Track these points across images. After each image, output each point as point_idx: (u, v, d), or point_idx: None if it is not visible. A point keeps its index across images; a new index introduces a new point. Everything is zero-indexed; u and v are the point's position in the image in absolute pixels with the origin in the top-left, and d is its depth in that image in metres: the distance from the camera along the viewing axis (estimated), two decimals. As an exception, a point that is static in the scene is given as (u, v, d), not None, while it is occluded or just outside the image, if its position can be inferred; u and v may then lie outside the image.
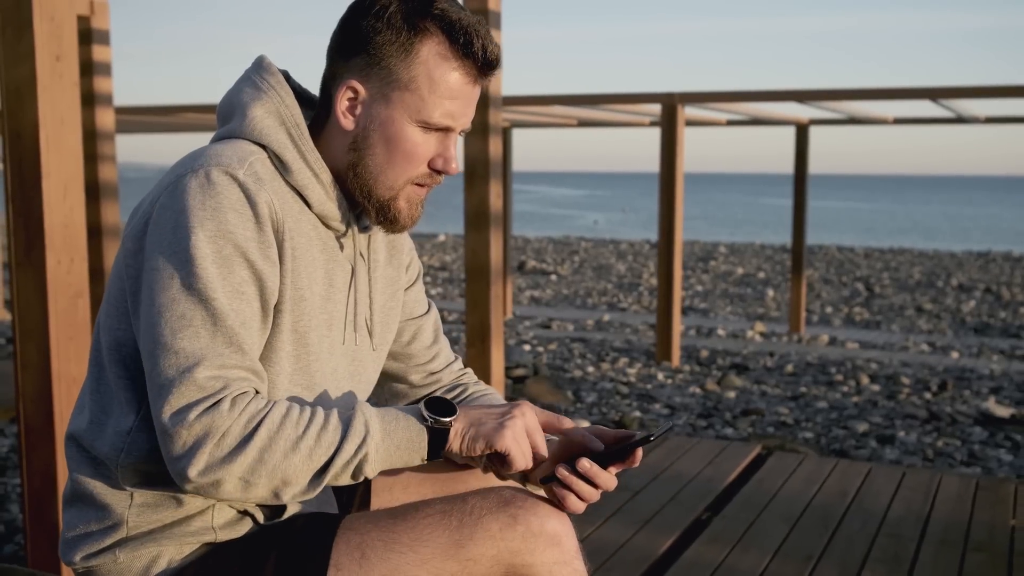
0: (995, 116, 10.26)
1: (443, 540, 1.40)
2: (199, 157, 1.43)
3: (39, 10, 2.73)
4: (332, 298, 1.54)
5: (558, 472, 1.51)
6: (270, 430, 1.34)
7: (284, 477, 1.34)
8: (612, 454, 1.52)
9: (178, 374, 1.33)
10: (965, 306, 14.60)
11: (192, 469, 1.31)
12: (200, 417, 1.31)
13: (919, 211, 64.68)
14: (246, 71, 1.55)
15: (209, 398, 1.32)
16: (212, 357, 1.34)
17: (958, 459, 5.30)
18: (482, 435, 1.44)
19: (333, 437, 1.37)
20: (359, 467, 1.38)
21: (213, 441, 1.31)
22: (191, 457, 1.31)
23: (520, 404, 1.49)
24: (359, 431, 1.38)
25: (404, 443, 1.41)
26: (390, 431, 1.40)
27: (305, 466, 1.35)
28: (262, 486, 1.34)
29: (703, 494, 3.99)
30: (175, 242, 1.36)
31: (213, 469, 1.32)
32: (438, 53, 1.47)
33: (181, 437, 1.31)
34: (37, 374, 2.86)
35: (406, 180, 1.51)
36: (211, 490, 1.34)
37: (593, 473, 1.50)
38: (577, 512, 1.52)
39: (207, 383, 1.33)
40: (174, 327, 1.34)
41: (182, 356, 1.33)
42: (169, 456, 1.33)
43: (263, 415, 1.34)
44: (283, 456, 1.33)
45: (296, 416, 1.36)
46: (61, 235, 2.83)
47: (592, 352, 8.95)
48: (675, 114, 8.28)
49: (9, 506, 4.28)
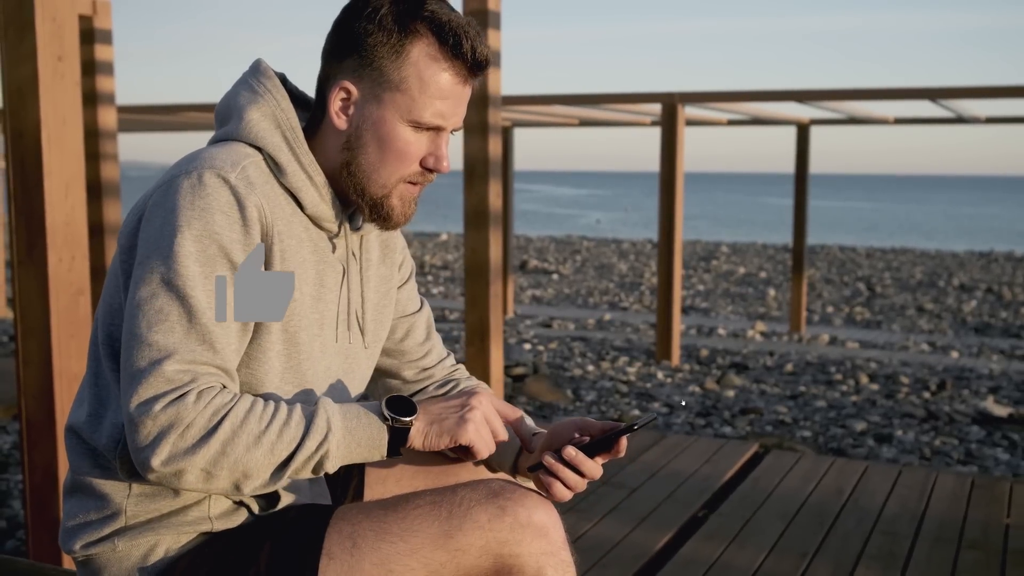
0: (995, 116, 10.28)
1: (433, 530, 1.43)
2: (195, 159, 1.46)
3: (41, 11, 2.76)
4: (323, 298, 1.57)
5: (544, 460, 1.55)
6: (234, 424, 1.36)
7: (245, 470, 1.37)
8: (598, 444, 1.56)
9: (148, 365, 1.36)
10: (966, 306, 14.61)
11: (155, 459, 1.34)
12: (166, 408, 1.34)
13: (921, 211, 64.65)
14: (243, 74, 1.58)
15: (176, 390, 1.35)
16: (183, 352, 1.37)
17: (955, 458, 5.32)
18: (445, 431, 1.48)
19: (295, 433, 1.40)
20: (320, 463, 1.42)
21: (177, 432, 1.34)
22: (155, 447, 1.34)
23: (476, 394, 1.52)
24: (321, 428, 1.41)
25: (365, 441, 1.44)
26: (351, 428, 1.44)
27: (267, 460, 1.38)
28: (223, 478, 1.37)
29: (700, 492, 4.01)
30: (161, 239, 1.40)
31: (176, 459, 1.34)
32: (428, 54, 1.50)
33: (146, 427, 1.34)
34: (39, 371, 2.88)
35: (399, 178, 1.55)
36: (173, 480, 1.36)
37: (579, 461, 1.54)
38: (563, 500, 1.55)
39: (175, 376, 1.35)
40: (150, 320, 1.37)
41: (154, 349, 1.36)
42: (134, 445, 1.36)
43: (228, 409, 1.37)
44: (245, 450, 1.36)
45: (260, 411, 1.39)
46: (63, 233, 2.86)
47: (592, 351, 8.98)
48: (675, 114, 8.30)
49: (11, 502, 4.31)
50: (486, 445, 1.49)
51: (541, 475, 1.56)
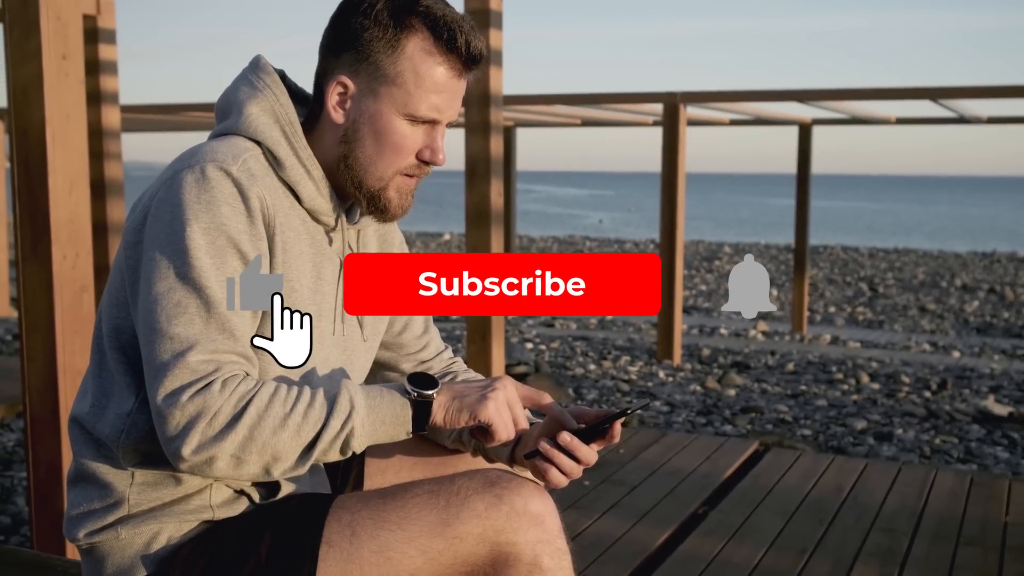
0: (997, 116, 10.28)
1: (430, 518, 1.46)
2: (196, 153, 1.49)
3: (45, 10, 2.78)
4: (320, 290, 1.60)
5: (540, 446, 1.58)
6: (259, 408, 1.39)
7: (274, 453, 1.40)
8: (592, 430, 1.59)
9: (172, 358, 1.39)
10: (968, 306, 14.62)
11: (186, 448, 1.37)
12: (193, 398, 1.37)
13: (923, 211, 64.61)
14: (243, 70, 1.61)
15: (201, 380, 1.38)
16: (205, 342, 1.40)
17: (955, 456, 5.34)
18: (466, 407, 1.50)
19: (320, 413, 1.43)
20: (346, 442, 1.44)
21: (205, 420, 1.37)
22: (184, 436, 1.37)
23: (501, 378, 1.55)
24: (344, 407, 1.44)
25: (389, 417, 1.47)
26: (375, 406, 1.46)
27: (293, 442, 1.41)
28: (253, 463, 1.40)
29: (700, 489, 4.03)
30: (171, 234, 1.42)
31: (206, 447, 1.37)
32: (423, 49, 1.53)
33: (175, 417, 1.37)
34: (43, 366, 2.91)
35: (395, 171, 1.58)
36: (205, 468, 1.39)
37: (574, 446, 1.56)
38: (559, 486, 1.58)
39: (200, 366, 1.39)
40: (170, 314, 1.40)
41: (177, 341, 1.39)
42: (164, 436, 1.39)
43: (252, 395, 1.40)
44: (272, 433, 1.39)
45: (284, 395, 1.42)
46: (67, 230, 2.89)
47: (594, 350, 9.00)
48: (677, 114, 8.31)
49: (15, 498, 4.34)
50: (505, 426, 1.51)
51: (537, 461, 1.58)
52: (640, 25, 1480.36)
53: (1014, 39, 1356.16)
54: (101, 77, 5.78)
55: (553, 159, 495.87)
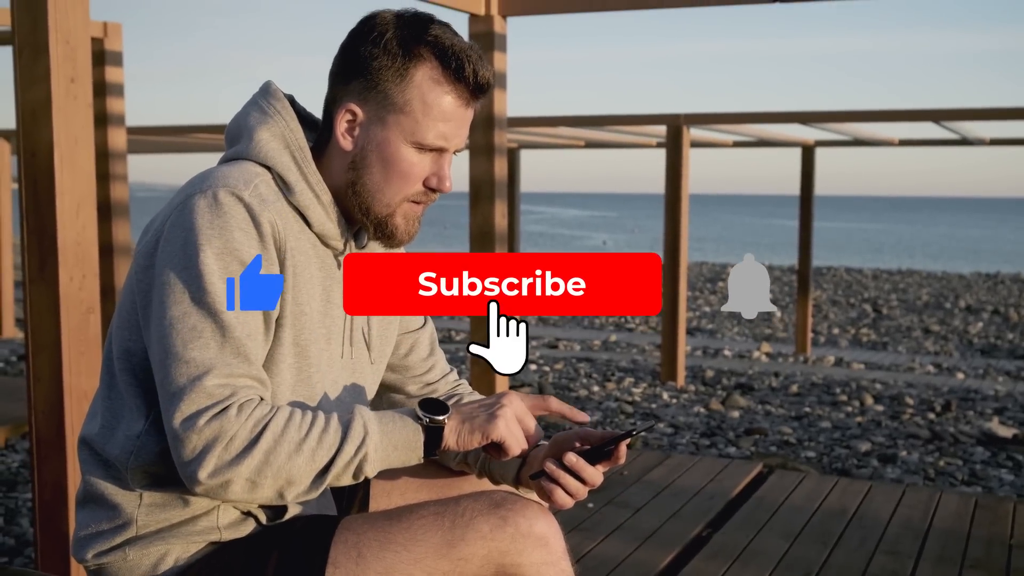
0: (1000, 138, 10.31)
1: (436, 540, 1.47)
2: (207, 178, 1.51)
3: (55, 33, 2.81)
4: (330, 313, 1.61)
5: (546, 467, 1.59)
6: (275, 433, 1.41)
7: (288, 477, 1.41)
8: (598, 450, 1.60)
9: (189, 382, 1.40)
10: (973, 327, 14.60)
11: (202, 472, 1.39)
12: (210, 422, 1.38)
13: (927, 232, 64.62)
14: (254, 96, 1.63)
15: (218, 404, 1.40)
16: (221, 366, 1.41)
17: (959, 478, 5.33)
18: (477, 428, 1.52)
19: (334, 439, 1.44)
20: (359, 467, 1.46)
21: (222, 445, 1.38)
22: (201, 460, 1.39)
23: (506, 394, 1.56)
24: (358, 432, 1.45)
25: (401, 443, 1.49)
26: (387, 431, 1.48)
27: (308, 467, 1.42)
28: (268, 487, 1.41)
29: (704, 511, 4.03)
30: (185, 259, 1.44)
31: (222, 471, 1.39)
32: (431, 78, 1.54)
33: (191, 441, 1.39)
34: (49, 387, 2.92)
35: (402, 198, 1.59)
36: (220, 491, 1.41)
37: (579, 467, 1.57)
38: (564, 507, 1.59)
39: (216, 390, 1.40)
40: (185, 338, 1.42)
41: (192, 365, 1.41)
42: (180, 460, 1.41)
43: (268, 419, 1.42)
44: (287, 458, 1.41)
45: (299, 420, 1.44)
46: (74, 252, 2.90)
47: (598, 372, 9.00)
48: (680, 135, 8.33)
49: (19, 520, 4.34)
50: (517, 441, 1.53)
51: (543, 482, 1.59)
52: (643, 47, 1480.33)
53: (1017, 60, 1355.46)
54: (107, 99, 5.81)
55: (556, 180, 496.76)
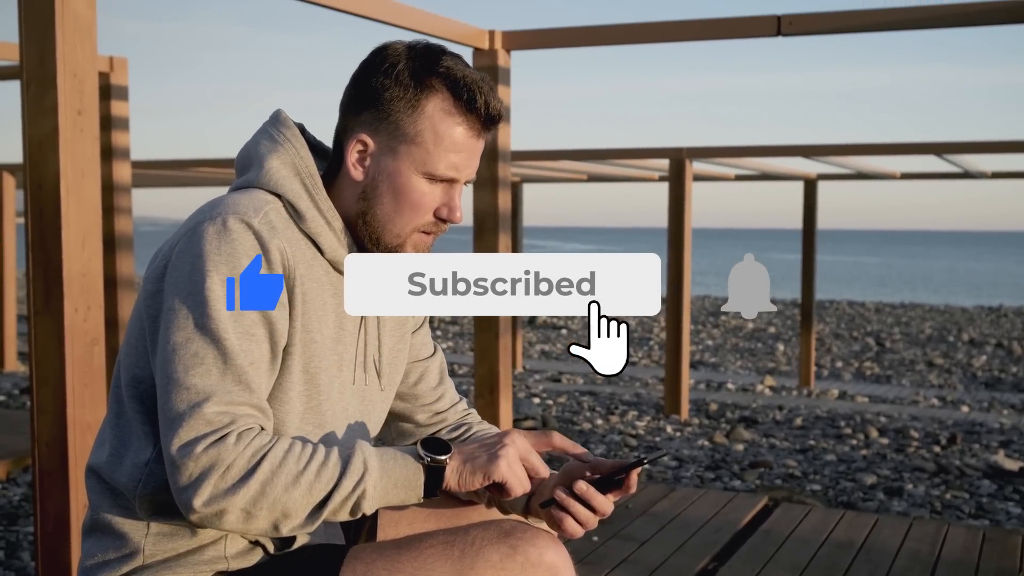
0: (1001, 171, 10.34)
1: (446, 569, 1.46)
2: (217, 205, 1.51)
3: (63, 66, 2.83)
4: (342, 340, 1.60)
5: (556, 495, 1.57)
6: (273, 464, 1.39)
7: (284, 510, 1.40)
8: (608, 479, 1.58)
9: (188, 408, 1.39)
10: (976, 361, 14.57)
11: (197, 499, 1.37)
12: (207, 450, 1.37)
13: (928, 266, 64.62)
14: (264, 124, 1.63)
15: (216, 432, 1.39)
16: (221, 394, 1.40)
17: (966, 512, 5.30)
18: (478, 468, 1.50)
19: (333, 473, 1.43)
20: (357, 503, 1.44)
21: (218, 473, 1.37)
22: (197, 487, 1.37)
23: (509, 433, 1.55)
24: (358, 468, 1.44)
25: (401, 481, 1.47)
26: (388, 469, 1.46)
27: (305, 500, 1.41)
28: (263, 518, 1.40)
29: (709, 544, 4.00)
30: (191, 285, 1.44)
31: (217, 500, 1.38)
32: (443, 109, 1.55)
33: (188, 468, 1.38)
34: (53, 419, 2.91)
35: (413, 228, 1.59)
36: (215, 520, 1.39)
37: (590, 495, 1.56)
38: (574, 536, 1.57)
39: (215, 418, 1.39)
40: (187, 364, 1.41)
41: (193, 392, 1.40)
42: (176, 486, 1.40)
43: (267, 450, 1.40)
44: (284, 489, 1.39)
45: (298, 452, 1.43)
46: (79, 284, 2.91)
47: (601, 405, 8.97)
48: (683, 169, 8.35)
49: (20, 553, 4.32)
50: (519, 482, 1.51)
51: (553, 510, 1.58)
52: (645, 82, 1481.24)
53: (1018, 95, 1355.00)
54: (113, 133, 5.83)
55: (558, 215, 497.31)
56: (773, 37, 4.39)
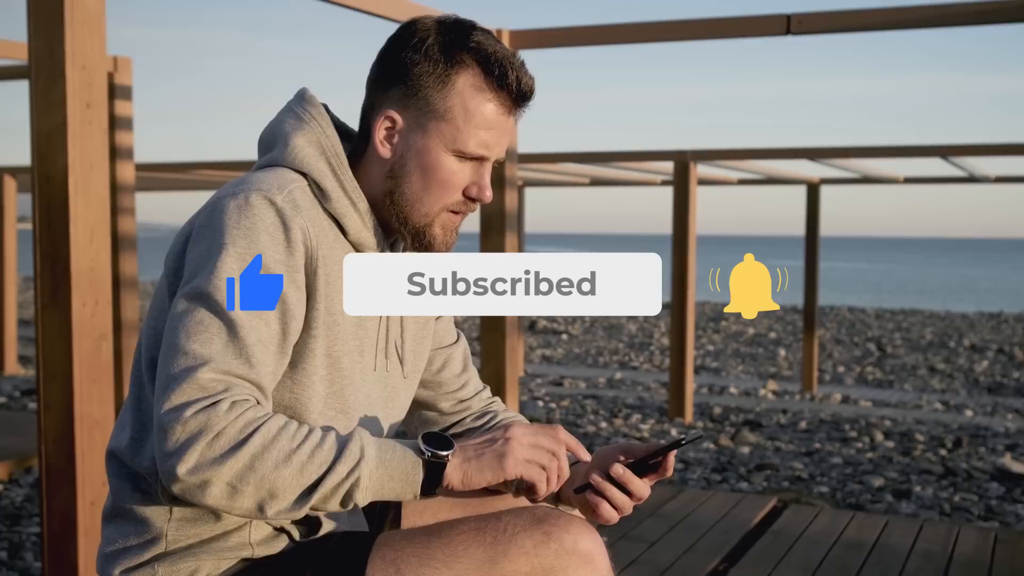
0: (1005, 176, 10.31)
1: (477, 556, 1.42)
2: (241, 183, 1.48)
3: (71, 59, 2.80)
4: (363, 324, 1.57)
5: (592, 479, 1.54)
6: (265, 438, 1.33)
7: (271, 489, 1.33)
8: (644, 463, 1.55)
9: (183, 372, 1.34)
10: (978, 366, 14.54)
11: (182, 466, 1.31)
12: (197, 415, 1.31)
13: (928, 272, 64.59)
14: (288, 103, 1.60)
15: (209, 398, 1.33)
16: (219, 362, 1.35)
17: (975, 514, 5.27)
18: (487, 466, 1.44)
19: (327, 456, 1.36)
20: (349, 492, 1.37)
21: (206, 440, 1.31)
22: (182, 454, 1.31)
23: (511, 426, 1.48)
24: (354, 454, 1.38)
25: (398, 473, 1.40)
26: (385, 460, 1.40)
27: (295, 481, 1.34)
28: (248, 495, 1.33)
29: (719, 545, 3.97)
30: (208, 258, 1.40)
31: (202, 468, 1.31)
32: (473, 85, 1.52)
33: (175, 433, 1.31)
34: (60, 415, 2.88)
35: (441, 207, 1.56)
36: (197, 492, 1.33)
37: (626, 479, 1.53)
38: (610, 522, 1.54)
39: (209, 383, 1.34)
40: (190, 331, 1.37)
41: (190, 357, 1.35)
42: (161, 452, 1.33)
43: (260, 423, 1.34)
44: (274, 467, 1.33)
45: (293, 430, 1.37)
46: (87, 278, 2.87)
47: (605, 408, 8.94)
48: (687, 172, 8.32)
49: (23, 554, 4.28)
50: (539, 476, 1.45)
51: (588, 495, 1.55)
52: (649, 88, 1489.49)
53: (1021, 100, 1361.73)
54: (117, 132, 5.80)
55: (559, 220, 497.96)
56: (783, 36, 4.37)
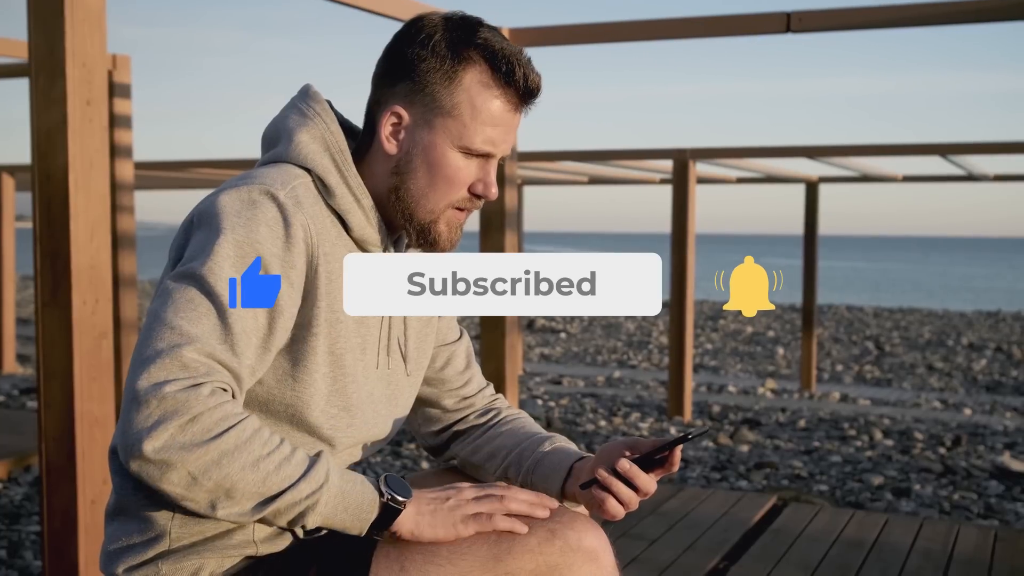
0: (1004, 174, 10.32)
1: (482, 553, 1.42)
2: (245, 178, 1.48)
3: (72, 56, 2.79)
4: (365, 322, 1.57)
5: (598, 474, 1.54)
6: (238, 438, 1.32)
7: (231, 490, 1.32)
8: (651, 458, 1.55)
9: (168, 347, 1.32)
10: (976, 364, 14.55)
11: (149, 443, 1.28)
12: (176, 394, 1.29)
13: (925, 271, 64.63)
14: (293, 99, 1.60)
15: (191, 378, 1.31)
16: (205, 343, 1.34)
17: (975, 512, 5.27)
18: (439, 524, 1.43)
19: (294, 471, 1.36)
20: (303, 512, 1.37)
21: (180, 422, 1.29)
22: (152, 431, 1.29)
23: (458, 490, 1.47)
24: (319, 477, 1.37)
25: (353, 507, 1.40)
26: (346, 490, 1.39)
27: (256, 488, 1.33)
28: (206, 490, 1.31)
29: (720, 543, 3.97)
30: (205, 242, 1.40)
31: (169, 450, 1.29)
32: (480, 81, 1.52)
33: (150, 407, 1.29)
34: (60, 413, 2.87)
35: (447, 204, 1.56)
36: (155, 473, 1.30)
37: (633, 474, 1.53)
38: (617, 517, 1.54)
39: (191, 363, 1.32)
40: (178, 307, 1.35)
41: (177, 333, 1.33)
42: (128, 426, 1.30)
43: (237, 420, 1.33)
44: (240, 468, 1.32)
45: (266, 436, 1.36)
46: (87, 276, 2.87)
47: (604, 407, 8.94)
48: (687, 170, 8.31)
49: (23, 552, 4.28)
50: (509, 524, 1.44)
51: (594, 490, 1.54)
52: (648, 87, 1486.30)
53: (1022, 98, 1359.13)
54: (116, 131, 5.80)
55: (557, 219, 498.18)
56: (783, 34, 4.37)
